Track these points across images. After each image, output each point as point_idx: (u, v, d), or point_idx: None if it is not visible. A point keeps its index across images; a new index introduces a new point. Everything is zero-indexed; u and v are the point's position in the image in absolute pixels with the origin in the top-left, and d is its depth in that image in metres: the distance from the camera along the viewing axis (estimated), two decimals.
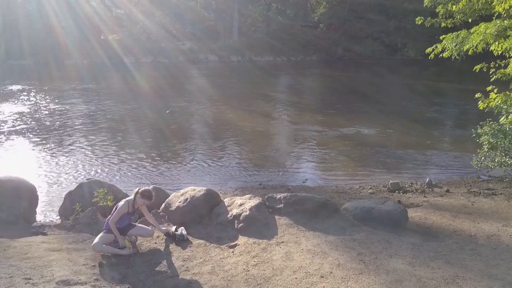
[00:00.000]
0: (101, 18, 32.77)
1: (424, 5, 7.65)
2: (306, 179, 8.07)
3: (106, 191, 5.55)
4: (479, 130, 7.20)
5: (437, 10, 7.33)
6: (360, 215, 5.12)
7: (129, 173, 8.17)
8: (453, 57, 6.74)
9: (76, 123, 12.33)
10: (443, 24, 7.39)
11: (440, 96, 19.00)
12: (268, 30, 40.22)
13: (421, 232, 4.90)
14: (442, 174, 8.46)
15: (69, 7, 31.75)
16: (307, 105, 16.93)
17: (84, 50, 30.35)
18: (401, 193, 6.91)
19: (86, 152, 9.42)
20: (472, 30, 6.34)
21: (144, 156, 9.25)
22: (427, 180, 7.60)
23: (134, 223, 4.98)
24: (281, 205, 5.34)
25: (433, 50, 7.09)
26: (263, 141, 10.90)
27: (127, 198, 4.77)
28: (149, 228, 4.98)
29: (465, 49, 6.40)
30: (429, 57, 7.21)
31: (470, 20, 7.14)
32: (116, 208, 4.64)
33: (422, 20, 7.63)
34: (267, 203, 5.47)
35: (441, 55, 6.95)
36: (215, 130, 12.13)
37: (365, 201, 5.68)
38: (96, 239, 4.49)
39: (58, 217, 5.95)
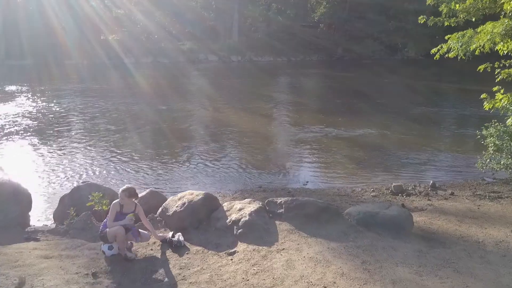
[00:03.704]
0: (101, 18, 32.56)
1: (427, 4, 7.49)
2: (307, 182, 7.91)
3: (101, 194, 5.39)
4: (484, 132, 7.05)
5: (440, 9, 7.18)
6: (364, 220, 4.96)
7: (126, 176, 7.99)
8: (459, 57, 6.57)
9: (74, 124, 12.17)
10: (446, 23, 7.22)
11: (441, 97, 18.85)
12: (268, 30, 40.02)
13: (427, 238, 4.74)
14: (446, 176, 8.29)
15: (69, 7, 31.56)
16: (307, 105, 16.76)
17: (84, 51, 30.15)
18: (405, 196, 6.75)
19: (83, 154, 9.25)
20: (478, 30, 6.16)
21: (142, 159, 9.07)
22: (431, 182, 7.44)
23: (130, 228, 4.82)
24: (282, 210, 5.18)
25: (438, 50, 6.92)
26: (263, 143, 10.73)
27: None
28: (146, 232, 4.82)
29: (472, 49, 6.22)
30: (435, 58, 7.02)
31: (473, 19, 6.97)
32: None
33: (424, 19, 7.47)
34: (267, 208, 5.31)
35: (446, 55, 6.78)
36: (214, 131, 11.97)
37: (369, 205, 5.52)
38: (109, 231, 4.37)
39: (53, 221, 5.79)
